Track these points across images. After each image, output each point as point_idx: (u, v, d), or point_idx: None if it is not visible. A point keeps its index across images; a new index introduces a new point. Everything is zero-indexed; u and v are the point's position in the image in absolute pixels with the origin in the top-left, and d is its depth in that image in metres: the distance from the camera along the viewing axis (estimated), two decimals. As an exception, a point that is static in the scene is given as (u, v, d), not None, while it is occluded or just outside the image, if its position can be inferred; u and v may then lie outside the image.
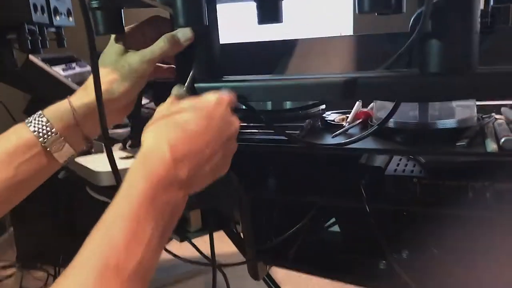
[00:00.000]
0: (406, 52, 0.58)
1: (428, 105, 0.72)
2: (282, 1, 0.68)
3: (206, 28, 0.64)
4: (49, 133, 0.58)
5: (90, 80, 0.61)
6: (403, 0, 0.57)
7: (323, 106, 0.87)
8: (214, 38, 0.68)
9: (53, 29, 1.69)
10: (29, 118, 0.60)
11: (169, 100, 0.57)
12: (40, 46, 1.56)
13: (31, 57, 1.37)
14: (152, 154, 0.48)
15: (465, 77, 0.54)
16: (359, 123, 0.81)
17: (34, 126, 0.58)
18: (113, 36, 0.63)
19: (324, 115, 0.87)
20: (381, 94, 0.62)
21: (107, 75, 0.60)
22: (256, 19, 0.67)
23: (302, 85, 0.59)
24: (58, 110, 0.60)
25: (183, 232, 1.15)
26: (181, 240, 1.13)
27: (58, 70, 1.53)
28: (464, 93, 0.58)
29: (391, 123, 0.73)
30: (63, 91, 1.57)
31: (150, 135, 0.50)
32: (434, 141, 0.71)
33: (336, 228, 1.00)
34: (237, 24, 1.93)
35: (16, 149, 0.57)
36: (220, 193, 0.77)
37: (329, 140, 0.75)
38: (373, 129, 0.71)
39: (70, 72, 1.57)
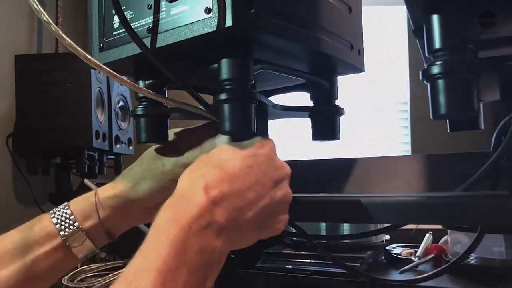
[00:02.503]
0: (490, 172, 0.49)
1: (517, 239, 0.61)
2: (340, 117, 0.63)
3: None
4: (71, 226, 0.56)
5: (121, 174, 0.60)
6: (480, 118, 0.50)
7: (387, 237, 0.76)
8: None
9: (112, 157, 1.76)
10: (54, 208, 0.58)
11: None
12: (97, 172, 1.60)
13: (86, 181, 1.38)
14: (185, 194, 0.43)
15: None
16: (431, 258, 0.70)
17: (57, 218, 0.56)
18: None
19: (387, 247, 0.76)
20: (462, 219, 0.52)
21: (138, 173, 0.59)
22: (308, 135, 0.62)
23: (366, 204, 0.50)
24: (83, 202, 0.59)
25: None
26: None
27: (110, 195, 1.53)
28: None
29: (471, 259, 0.63)
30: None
31: (185, 175, 0.45)
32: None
33: None
34: (282, 141, 1.92)
35: (36, 240, 0.56)
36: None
37: (396, 276, 0.64)
38: (450, 265, 0.60)
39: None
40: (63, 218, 0.56)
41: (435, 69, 0.41)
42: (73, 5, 1.83)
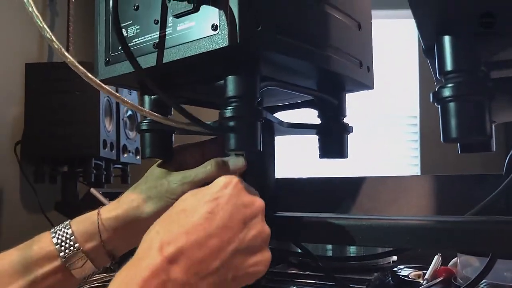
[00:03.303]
0: (502, 196, 0.47)
1: (530, 265, 0.59)
2: (348, 135, 0.62)
3: (261, 159, 0.58)
4: (72, 247, 0.54)
5: (126, 193, 0.58)
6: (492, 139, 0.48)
7: (394, 258, 0.74)
8: (269, 172, 0.62)
9: (119, 166, 1.75)
10: (55, 227, 0.56)
11: None
12: (103, 181, 1.60)
13: (92, 190, 1.38)
14: (140, 256, 0.41)
15: None
16: (440, 281, 0.68)
17: (58, 238, 0.55)
18: None
19: (395, 269, 0.74)
20: (473, 245, 0.50)
21: (143, 192, 0.57)
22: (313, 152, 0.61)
23: (374, 226, 0.49)
24: (85, 222, 0.56)
25: None
26: None
27: (116, 205, 1.52)
28: None
29: (482, 284, 0.60)
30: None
31: (145, 234, 0.43)
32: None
33: None
34: (287, 158, 1.89)
35: (35, 261, 0.54)
36: None
37: (404, 300, 0.62)
38: (460, 290, 0.57)
39: (127, 207, 1.56)
40: (64, 239, 0.55)
41: (446, 92, 0.39)
42: (85, 13, 1.85)
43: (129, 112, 1.70)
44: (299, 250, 0.62)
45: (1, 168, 1.46)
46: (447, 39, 0.39)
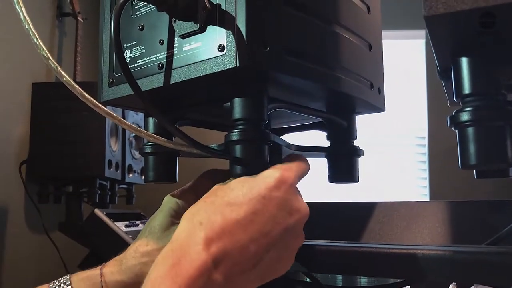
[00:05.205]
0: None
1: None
2: (359, 158, 0.60)
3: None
4: None
5: (128, 251, 0.53)
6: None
7: (408, 287, 0.71)
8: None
9: (124, 186, 1.74)
10: (55, 281, 0.52)
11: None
12: (108, 201, 1.58)
13: (97, 211, 1.36)
14: (182, 246, 0.38)
15: None
16: (455, 312, 0.64)
17: None
18: (165, 199, 0.56)
19: (407, 298, 0.71)
20: (491, 277, 0.48)
21: (145, 254, 0.51)
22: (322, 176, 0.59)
23: (387, 256, 0.46)
24: (88, 281, 0.52)
25: None
26: None
27: (120, 226, 1.50)
28: None
29: None
30: (121, 247, 1.50)
31: (183, 221, 0.40)
32: None
33: None
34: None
35: None
36: None
37: (418, 333, 0.58)
38: (478, 323, 0.54)
39: (132, 228, 1.54)
40: None
41: (465, 116, 0.37)
42: (93, 34, 1.86)
43: (135, 132, 1.70)
44: (308, 279, 0.59)
45: (5, 188, 1.45)
46: (465, 60, 0.37)
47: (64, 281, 0.52)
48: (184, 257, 0.37)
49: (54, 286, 0.52)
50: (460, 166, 0.39)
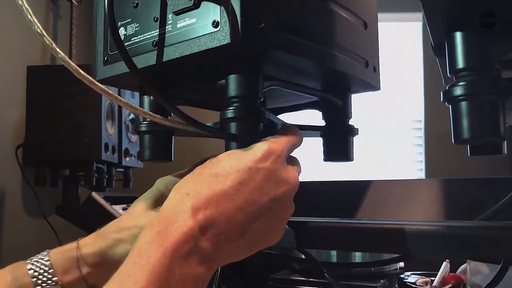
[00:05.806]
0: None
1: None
2: (353, 137, 0.60)
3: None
4: (49, 281, 0.50)
5: (108, 226, 0.54)
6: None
7: (401, 264, 0.72)
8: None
9: (121, 169, 1.74)
10: (32, 257, 0.52)
11: None
12: (105, 185, 1.59)
13: (94, 194, 1.37)
14: (169, 215, 0.39)
15: None
16: (448, 288, 0.66)
17: (35, 270, 0.51)
18: (157, 181, 0.56)
19: (402, 276, 0.72)
20: (484, 252, 0.48)
21: (121, 231, 0.52)
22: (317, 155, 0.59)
23: (380, 232, 0.47)
24: (65, 254, 0.53)
25: None
26: None
27: (117, 209, 1.51)
28: None
29: None
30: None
31: (172, 193, 0.41)
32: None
33: None
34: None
35: None
36: None
37: (411, 308, 0.60)
38: (470, 298, 0.55)
39: (129, 211, 1.55)
40: (41, 271, 0.51)
41: (458, 91, 0.37)
42: (88, 17, 1.84)
43: (132, 116, 1.69)
44: (303, 256, 0.60)
45: (2, 172, 1.45)
46: (459, 35, 0.37)
47: (42, 256, 0.53)
48: (171, 224, 0.38)
49: (32, 261, 0.52)
50: (453, 141, 0.39)
